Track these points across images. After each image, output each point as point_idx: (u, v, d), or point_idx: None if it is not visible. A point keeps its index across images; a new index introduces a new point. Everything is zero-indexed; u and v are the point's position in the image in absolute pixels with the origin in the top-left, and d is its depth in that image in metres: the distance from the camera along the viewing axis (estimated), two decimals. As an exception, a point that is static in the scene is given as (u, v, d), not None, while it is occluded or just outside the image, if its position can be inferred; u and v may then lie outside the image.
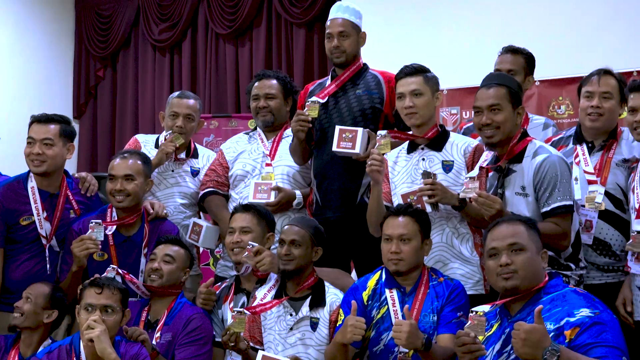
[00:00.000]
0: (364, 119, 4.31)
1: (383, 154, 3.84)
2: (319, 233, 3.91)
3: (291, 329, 3.84)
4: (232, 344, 3.66)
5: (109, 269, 4.00)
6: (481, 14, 7.12)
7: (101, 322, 3.46)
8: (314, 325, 3.83)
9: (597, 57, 4.42)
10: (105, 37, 9.21)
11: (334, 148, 3.74)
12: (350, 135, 3.65)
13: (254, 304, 3.93)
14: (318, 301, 3.85)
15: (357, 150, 3.66)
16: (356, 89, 4.42)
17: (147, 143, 4.95)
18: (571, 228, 3.69)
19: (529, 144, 3.76)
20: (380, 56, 4.33)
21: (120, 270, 4.04)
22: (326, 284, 3.93)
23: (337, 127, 3.71)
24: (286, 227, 3.94)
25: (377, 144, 3.85)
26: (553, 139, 4.33)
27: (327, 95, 4.41)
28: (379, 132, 3.89)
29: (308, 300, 3.86)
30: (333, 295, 3.88)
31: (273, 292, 3.94)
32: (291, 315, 3.85)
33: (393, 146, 4.02)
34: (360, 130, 3.65)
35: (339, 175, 4.35)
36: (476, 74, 3.99)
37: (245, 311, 3.72)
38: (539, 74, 4.64)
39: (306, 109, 4.25)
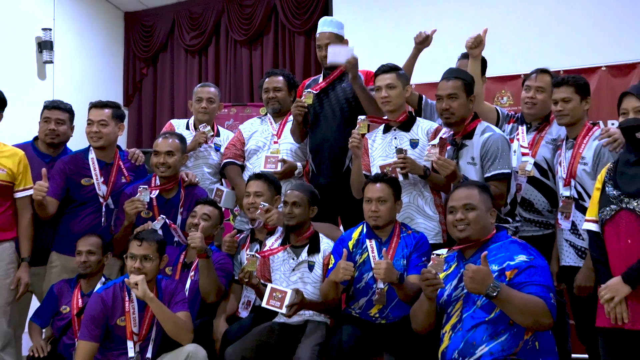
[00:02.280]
0: (348, 106, 4.37)
1: (362, 134, 3.89)
2: (315, 196, 3.94)
3: (293, 270, 3.87)
4: (247, 280, 3.72)
5: (159, 218, 4.12)
6: (442, 24, 7.07)
7: (138, 273, 3.52)
8: (311, 267, 3.86)
9: (532, 60, 4.41)
10: (148, 42, 9.16)
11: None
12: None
13: (264, 249, 3.97)
14: (314, 248, 3.90)
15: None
16: (342, 83, 4.45)
17: (179, 126, 4.99)
18: (508, 191, 3.74)
19: (479, 124, 3.81)
20: (362, 57, 4.31)
21: (167, 220, 4.12)
22: (320, 235, 3.96)
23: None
24: (288, 191, 3.95)
25: (357, 126, 3.91)
26: (510, 112, 4.45)
27: (319, 88, 4.46)
28: (359, 117, 3.95)
29: (306, 247, 3.90)
30: (326, 244, 3.91)
31: (279, 241, 3.97)
32: (293, 259, 3.89)
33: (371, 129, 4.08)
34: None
35: (329, 150, 4.40)
36: (437, 72, 3.98)
37: (257, 255, 3.76)
38: (487, 72, 4.63)
39: (303, 97, 4.32)
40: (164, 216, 4.17)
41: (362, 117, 3.96)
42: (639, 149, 2.90)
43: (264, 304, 3.60)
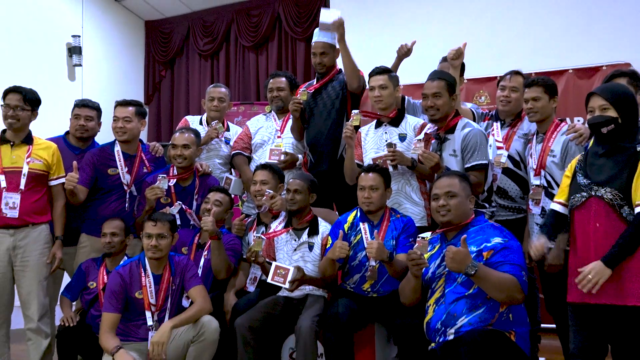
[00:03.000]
0: (339, 102, 4.40)
1: (355, 126, 3.91)
2: (314, 184, 3.93)
3: (295, 249, 3.86)
4: (254, 258, 3.73)
5: (176, 204, 4.19)
6: (426, 33, 7.08)
7: (155, 250, 3.61)
8: (310, 247, 3.85)
9: (507, 63, 4.40)
10: (166, 48, 9.15)
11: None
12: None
13: (269, 231, 3.97)
14: (314, 231, 3.89)
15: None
16: (333, 82, 4.47)
17: (194, 122, 4.96)
18: (486, 180, 3.73)
19: (460, 121, 3.79)
20: (357, 60, 4.32)
21: (184, 206, 4.18)
22: (319, 219, 3.95)
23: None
24: (291, 180, 3.94)
25: (351, 118, 3.94)
26: (485, 111, 4.44)
27: (313, 89, 4.49)
28: (353, 111, 4.00)
29: (307, 230, 3.89)
30: (324, 227, 3.90)
31: (283, 224, 3.97)
32: (295, 240, 3.88)
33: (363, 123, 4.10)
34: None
35: (324, 143, 4.40)
36: (423, 74, 3.96)
37: (262, 236, 3.77)
38: (466, 74, 4.62)
39: (299, 95, 4.39)
40: (181, 202, 4.22)
41: (356, 110, 3.98)
42: (606, 142, 2.89)
43: (269, 280, 3.61)
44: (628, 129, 2.86)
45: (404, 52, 4.44)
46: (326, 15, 4.21)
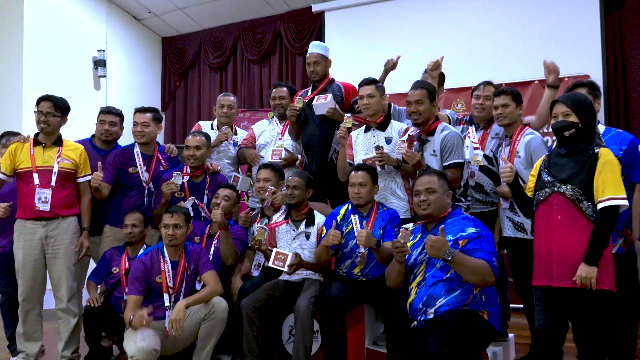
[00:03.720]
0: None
1: (347, 127, 3.92)
2: (311, 181, 3.93)
3: (294, 238, 3.86)
4: (257, 246, 3.74)
5: (189, 199, 4.20)
6: (410, 47, 7.08)
7: (171, 238, 3.65)
8: (307, 236, 3.85)
9: (481, 75, 4.41)
10: (180, 61, 9.14)
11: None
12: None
13: (271, 223, 3.98)
14: (310, 222, 3.89)
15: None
16: (327, 92, 4.41)
17: (205, 126, 4.94)
18: (462, 177, 3.74)
19: (439, 124, 3.80)
20: (346, 72, 4.33)
21: (196, 201, 4.20)
22: (315, 211, 3.94)
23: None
24: (290, 177, 3.94)
25: (344, 121, 3.94)
26: (460, 116, 4.41)
27: (308, 97, 4.46)
28: (346, 115, 4.00)
29: (304, 221, 3.89)
30: (319, 218, 3.90)
31: (283, 216, 3.96)
32: (294, 230, 3.88)
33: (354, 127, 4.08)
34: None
35: (317, 145, 4.38)
36: (407, 84, 3.96)
37: (265, 227, 3.77)
38: (445, 85, 4.63)
39: (295, 103, 4.39)
40: (194, 197, 4.22)
41: (349, 114, 3.98)
42: (567, 144, 2.89)
43: (270, 264, 3.62)
44: (587, 133, 2.87)
45: (391, 66, 4.44)
46: (319, 107, 4.19)
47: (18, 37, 7.06)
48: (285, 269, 3.58)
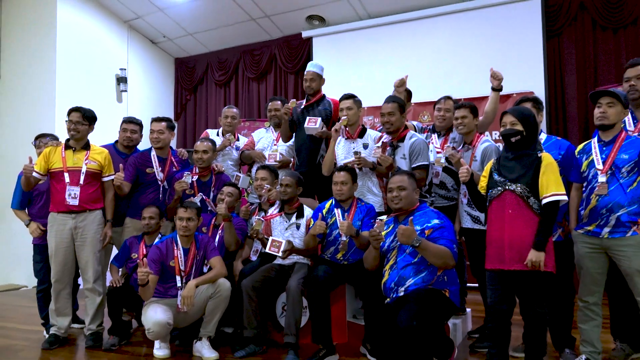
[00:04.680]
0: (323, 121, 4.28)
1: (339, 128, 3.88)
2: (301, 180, 3.90)
3: (286, 229, 3.84)
4: (255, 235, 3.72)
5: (198, 195, 4.22)
6: (385, 68, 7.09)
7: (185, 230, 3.64)
8: (298, 227, 3.83)
9: (444, 91, 4.42)
10: (190, 78, 9.08)
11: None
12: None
13: (267, 215, 3.95)
14: (300, 214, 3.87)
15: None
16: (318, 106, 4.39)
17: (212, 134, 4.91)
18: (427, 176, 3.76)
19: (408, 133, 3.80)
20: (333, 88, 4.32)
21: (204, 197, 4.20)
22: (304, 205, 3.93)
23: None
24: (283, 177, 3.92)
25: (341, 119, 3.91)
26: (424, 126, 4.42)
27: (303, 106, 4.43)
28: (343, 117, 3.92)
29: (295, 214, 3.87)
30: (308, 211, 3.88)
31: (277, 210, 3.94)
32: (286, 221, 3.86)
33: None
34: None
35: (306, 150, 4.33)
36: (380, 99, 3.96)
37: (262, 219, 3.77)
38: (412, 100, 4.63)
39: (289, 104, 4.35)
40: (202, 194, 4.20)
41: (345, 116, 3.90)
42: (514, 149, 2.90)
43: (266, 250, 3.60)
44: (530, 140, 2.88)
45: (400, 84, 4.22)
46: (311, 130, 4.12)
47: (52, 56, 7.00)
48: (280, 254, 3.56)
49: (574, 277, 3.29)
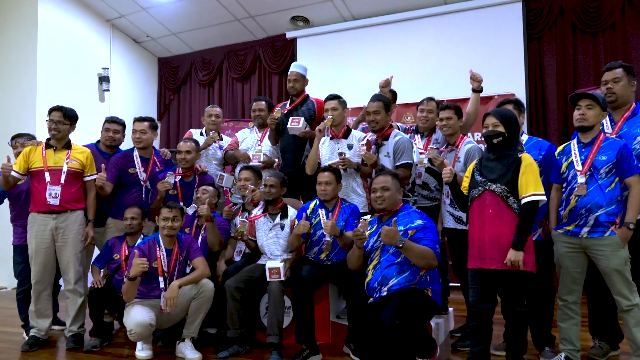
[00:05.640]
0: (307, 121, 4.28)
1: (323, 128, 3.88)
2: (285, 181, 3.89)
3: (270, 229, 3.82)
4: (239, 237, 3.69)
5: (191, 206, 4.17)
6: (369, 68, 7.11)
7: (170, 230, 3.59)
8: (282, 227, 3.81)
9: (427, 93, 4.44)
10: (174, 78, 9.00)
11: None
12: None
13: (251, 216, 3.94)
14: (284, 215, 3.84)
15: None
16: (302, 107, 4.40)
17: (195, 133, 4.89)
18: (411, 175, 3.76)
19: (393, 131, 3.81)
20: (316, 89, 4.32)
21: (195, 206, 4.11)
22: (288, 206, 3.91)
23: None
24: (267, 177, 3.90)
25: (326, 119, 3.90)
26: (408, 127, 4.43)
27: (287, 109, 4.43)
28: (328, 116, 3.91)
29: (279, 215, 3.85)
30: (291, 212, 3.87)
31: (261, 210, 3.92)
32: (270, 222, 3.83)
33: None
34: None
35: (292, 151, 4.35)
36: (365, 99, 3.97)
37: (246, 220, 3.73)
38: (397, 101, 4.65)
39: (275, 112, 4.35)
40: (195, 206, 4.12)
41: (330, 116, 3.89)
42: (495, 150, 2.93)
43: (268, 279, 3.50)
44: (511, 141, 2.91)
45: (385, 84, 4.27)
46: (294, 129, 4.13)
47: (32, 55, 6.89)
48: (283, 278, 3.50)
49: (554, 276, 3.32)
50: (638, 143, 3.10)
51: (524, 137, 3.48)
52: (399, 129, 4.17)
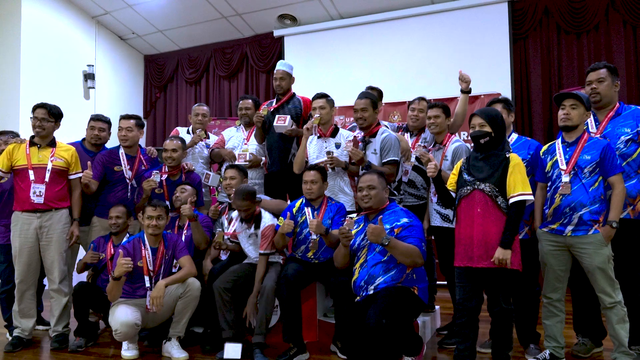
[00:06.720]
0: (293, 119, 4.27)
1: (310, 126, 3.85)
2: (253, 194, 3.69)
3: (249, 237, 3.74)
4: (218, 247, 3.83)
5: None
6: (356, 67, 7.11)
7: (155, 229, 3.57)
8: (257, 235, 3.70)
9: (414, 92, 4.47)
10: (160, 76, 8.93)
11: (275, 123, 3.70)
12: (283, 117, 3.60)
13: (229, 229, 3.91)
14: (257, 226, 3.68)
15: (287, 124, 3.67)
16: (288, 105, 4.39)
17: (182, 131, 4.85)
18: (397, 172, 3.76)
19: (380, 128, 3.82)
20: (302, 87, 4.31)
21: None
22: (263, 213, 3.76)
23: (276, 116, 3.57)
24: (238, 202, 3.64)
25: (313, 117, 3.87)
26: (398, 124, 4.43)
27: (273, 108, 4.42)
28: (315, 115, 3.87)
29: (253, 226, 3.71)
30: (266, 219, 3.72)
31: (237, 221, 3.81)
32: (248, 230, 3.73)
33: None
34: (288, 116, 3.60)
35: (279, 150, 4.33)
36: (352, 98, 3.97)
37: (223, 232, 3.85)
38: (383, 100, 4.66)
39: (261, 111, 4.32)
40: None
41: (318, 115, 3.86)
42: (483, 150, 2.94)
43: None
44: (498, 141, 2.93)
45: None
46: (280, 128, 4.11)
47: (16, 51, 6.78)
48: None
49: (539, 274, 3.35)
50: (622, 143, 3.14)
51: (514, 136, 3.50)
52: (387, 128, 4.19)
